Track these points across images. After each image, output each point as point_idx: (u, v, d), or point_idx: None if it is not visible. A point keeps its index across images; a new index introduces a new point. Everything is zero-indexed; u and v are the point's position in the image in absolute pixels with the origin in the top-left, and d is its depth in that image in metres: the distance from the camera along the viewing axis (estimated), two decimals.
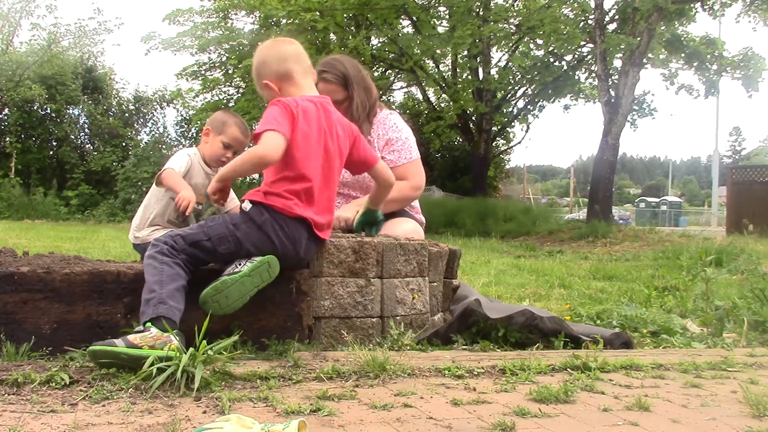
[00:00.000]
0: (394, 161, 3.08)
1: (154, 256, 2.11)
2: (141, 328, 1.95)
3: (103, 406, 1.62)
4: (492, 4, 17.33)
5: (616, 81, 14.12)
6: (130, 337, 1.89)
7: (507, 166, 25.96)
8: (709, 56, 16.67)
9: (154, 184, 3.08)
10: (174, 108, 22.92)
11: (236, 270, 2.14)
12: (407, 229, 3.04)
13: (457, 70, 19.32)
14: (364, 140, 2.57)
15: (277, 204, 2.22)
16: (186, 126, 22.10)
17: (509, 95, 19.96)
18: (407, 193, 3.10)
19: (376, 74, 19.55)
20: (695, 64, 16.94)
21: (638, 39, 13.25)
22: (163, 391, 1.72)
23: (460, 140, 22.20)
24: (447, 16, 17.99)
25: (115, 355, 1.86)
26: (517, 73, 19.23)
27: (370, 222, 2.70)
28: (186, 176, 3.00)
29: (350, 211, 2.86)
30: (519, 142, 25.96)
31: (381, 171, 2.56)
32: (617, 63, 15.01)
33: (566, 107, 21.25)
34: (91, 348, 1.88)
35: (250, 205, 2.25)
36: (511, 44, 18.52)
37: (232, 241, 2.19)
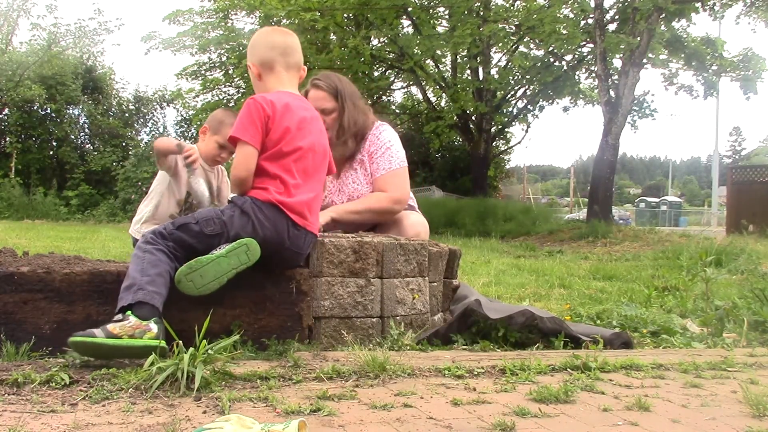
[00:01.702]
0: (372, 173, 3.08)
1: (140, 246, 2.16)
2: (120, 316, 1.96)
3: (103, 406, 1.62)
4: (492, 4, 17.33)
5: (616, 81, 14.10)
6: (110, 327, 1.91)
7: (507, 166, 25.94)
8: (708, 56, 16.66)
9: (155, 180, 3.10)
10: (174, 108, 22.95)
11: (214, 252, 2.15)
12: (414, 221, 3.09)
13: (457, 70, 19.31)
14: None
15: (254, 194, 2.30)
16: (186, 126, 22.10)
17: (509, 95, 19.95)
18: (385, 204, 3.01)
19: (376, 74, 19.55)
20: (693, 64, 16.94)
21: (638, 39, 13.24)
22: (163, 391, 1.72)
23: (460, 140, 22.19)
24: (447, 16, 17.98)
25: (96, 347, 1.88)
26: (517, 74, 19.21)
27: None
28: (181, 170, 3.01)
29: (324, 217, 2.88)
30: (519, 142, 25.96)
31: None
32: (617, 63, 15.01)
33: (565, 109, 21.26)
34: (71, 339, 1.90)
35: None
36: (510, 44, 18.52)
37: (218, 222, 2.23)
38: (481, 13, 16.54)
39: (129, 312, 1.96)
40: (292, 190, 2.31)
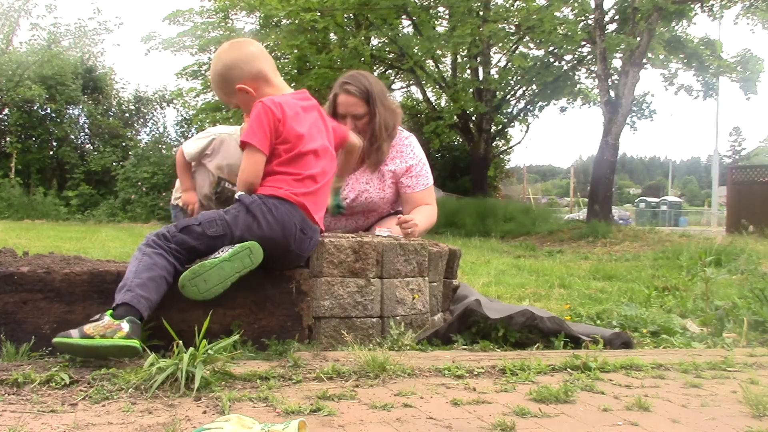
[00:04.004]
0: (411, 186, 3.13)
1: (140, 248, 2.13)
2: (98, 316, 1.97)
3: (103, 406, 1.62)
4: (492, 4, 17.33)
5: (616, 81, 14.11)
6: (85, 328, 1.92)
7: (507, 166, 25.95)
8: (708, 57, 16.66)
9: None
10: (174, 108, 22.94)
11: (217, 255, 2.13)
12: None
13: (457, 70, 19.31)
14: (331, 120, 2.62)
15: (266, 192, 2.27)
16: (186, 126, 22.10)
17: (509, 95, 19.96)
18: (434, 216, 3.17)
19: (375, 74, 19.52)
20: (694, 65, 16.94)
21: (638, 39, 13.25)
22: (163, 391, 1.72)
23: (460, 140, 22.20)
24: (447, 16, 17.98)
25: (72, 347, 1.90)
26: (517, 74, 19.21)
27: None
28: (212, 156, 3.01)
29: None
30: (519, 142, 25.92)
31: (352, 141, 2.68)
32: (617, 63, 15.02)
33: (563, 109, 21.28)
34: (54, 340, 1.92)
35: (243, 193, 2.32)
36: (510, 44, 18.52)
37: (221, 223, 2.20)
38: (481, 13, 16.54)
39: (108, 312, 1.97)
40: (304, 184, 2.30)
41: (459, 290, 3.04)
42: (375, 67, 19.00)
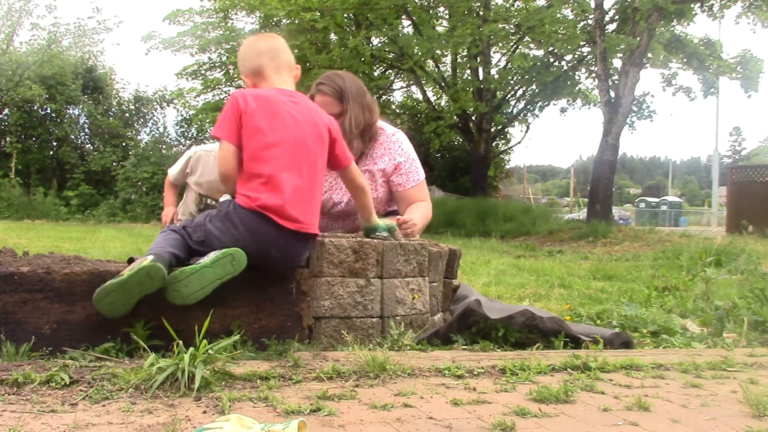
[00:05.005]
0: (402, 184, 3.10)
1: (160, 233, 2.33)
2: None
3: (103, 406, 1.62)
4: (492, 4, 17.33)
5: (616, 81, 14.11)
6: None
7: (507, 166, 25.92)
8: (708, 57, 16.65)
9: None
10: (174, 108, 22.93)
11: (200, 261, 2.16)
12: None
13: (457, 70, 19.31)
14: (342, 140, 2.56)
15: (240, 201, 2.29)
16: (186, 126, 22.09)
17: (509, 95, 19.95)
18: (430, 212, 3.15)
19: (375, 74, 19.54)
20: (694, 65, 16.94)
21: (638, 39, 13.24)
22: (163, 391, 1.72)
23: (460, 140, 22.19)
24: (447, 16, 17.98)
25: (104, 288, 2.04)
26: (517, 74, 19.20)
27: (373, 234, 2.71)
28: (192, 174, 3.31)
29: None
30: (519, 142, 25.90)
31: (352, 174, 2.55)
32: (617, 63, 15.01)
33: (563, 110, 21.27)
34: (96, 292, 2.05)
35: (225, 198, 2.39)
36: (510, 44, 18.51)
37: (202, 230, 2.29)
38: (481, 13, 16.54)
39: None
40: (279, 189, 2.25)
41: (459, 290, 3.04)
42: (375, 67, 19.02)
